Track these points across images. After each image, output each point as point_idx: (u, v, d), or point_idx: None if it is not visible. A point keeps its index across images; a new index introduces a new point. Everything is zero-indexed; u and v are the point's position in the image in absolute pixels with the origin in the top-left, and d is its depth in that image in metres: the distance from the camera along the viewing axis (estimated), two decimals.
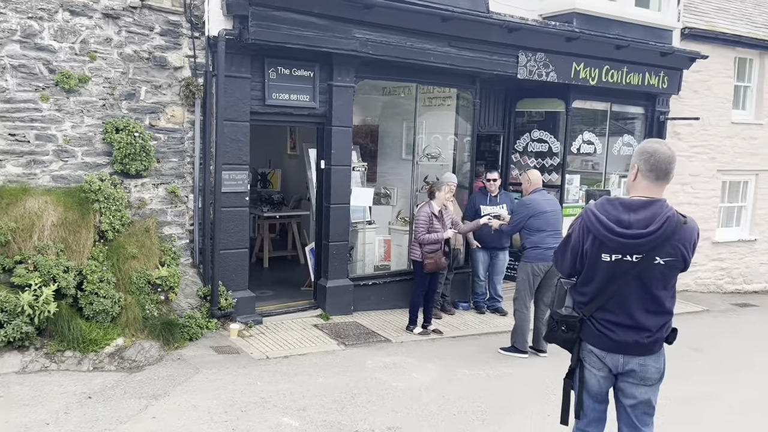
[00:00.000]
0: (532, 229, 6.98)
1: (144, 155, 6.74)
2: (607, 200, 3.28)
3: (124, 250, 6.59)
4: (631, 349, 3.26)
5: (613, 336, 3.26)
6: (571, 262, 3.37)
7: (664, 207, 3.17)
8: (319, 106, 7.82)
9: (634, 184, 3.27)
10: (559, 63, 9.22)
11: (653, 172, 3.18)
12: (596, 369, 3.35)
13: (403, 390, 5.76)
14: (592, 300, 3.29)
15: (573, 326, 3.36)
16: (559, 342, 3.48)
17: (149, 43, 6.80)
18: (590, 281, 3.28)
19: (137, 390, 5.31)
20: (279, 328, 7.49)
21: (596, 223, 3.21)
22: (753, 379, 6.85)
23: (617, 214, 3.18)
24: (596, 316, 3.30)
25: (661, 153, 3.18)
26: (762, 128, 12.84)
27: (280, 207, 11.27)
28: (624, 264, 3.17)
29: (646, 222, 3.14)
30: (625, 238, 3.15)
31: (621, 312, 3.24)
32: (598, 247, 3.21)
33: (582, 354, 3.38)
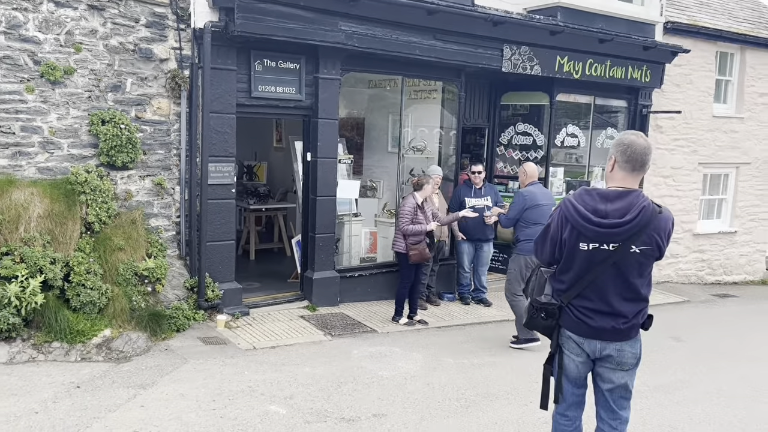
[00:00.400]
0: (527, 221, 6.99)
1: (130, 147, 6.75)
2: (584, 191, 3.37)
3: (111, 241, 6.61)
4: (608, 335, 3.35)
5: (591, 323, 3.35)
6: (550, 251, 3.45)
7: (639, 197, 3.26)
8: (306, 98, 7.86)
9: (611, 175, 3.36)
10: (544, 56, 9.31)
11: (629, 163, 3.27)
12: (575, 354, 3.44)
13: (389, 379, 5.86)
14: (570, 287, 3.38)
15: (552, 313, 3.45)
16: (538, 328, 3.57)
17: (135, 35, 6.81)
18: (569, 270, 3.37)
19: (125, 380, 5.36)
20: (266, 319, 7.55)
21: (574, 213, 3.29)
22: (731, 367, 7.02)
23: (594, 204, 3.27)
24: (574, 303, 3.38)
25: (637, 145, 3.26)
26: (743, 122, 13.04)
27: (267, 200, 11.30)
28: (601, 252, 3.26)
29: (623, 212, 3.22)
30: (601, 228, 3.23)
31: (598, 299, 3.32)
32: (576, 237, 3.29)
33: (561, 340, 3.47)
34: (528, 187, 7.20)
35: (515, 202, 7.22)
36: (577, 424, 3.61)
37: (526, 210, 7.01)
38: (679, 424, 5.24)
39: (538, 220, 6.95)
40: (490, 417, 5.14)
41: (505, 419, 5.11)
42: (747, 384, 6.43)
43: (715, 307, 10.75)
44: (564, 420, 3.59)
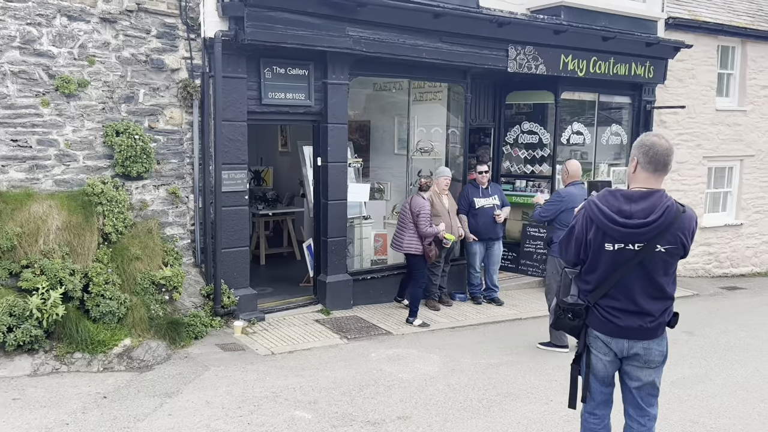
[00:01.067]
0: (562, 223, 6.78)
1: (144, 157, 6.81)
2: (609, 191, 3.41)
3: (128, 251, 6.67)
4: (635, 334, 3.39)
5: (618, 322, 3.39)
6: (575, 252, 3.49)
7: (663, 197, 3.30)
8: (315, 104, 7.92)
9: (634, 176, 3.39)
10: (548, 55, 9.37)
11: (652, 164, 3.31)
12: (602, 354, 3.49)
13: (409, 381, 5.91)
14: (596, 288, 3.42)
15: (579, 314, 3.49)
16: (566, 329, 3.61)
17: (146, 46, 6.86)
18: (594, 270, 3.41)
19: (150, 389, 5.42)
20: (281, 324, 7.61)
21: (599, 213, 3.33)
22: (745, 360, 7.08)
23: (619, 205, 3.30)
24: (601, 303, 3.42)
25: (659, 146, 3.30)
26: (745, 114, 13.11)
27: (275, 204, 11.37)
28: (626, 252, 3.30)
29: (647, 212, 3.26)
30: (627, 228, 3.27)
31: (625, 298, 3.36)
32: (601, 237, 3.33)
33: (588, 340, 3.52)
34: (568, 188, 6.97)
35: (552, 201, 7.06)
36: (606, 422, 3.66)
37: (563, 212, 6.81)
38: (700, 418, 5.30)
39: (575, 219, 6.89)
40: (513, 417, 5.20)
41: (529, 418, 5.17)
42: (762, 377, 6.50)
43: (724, 299, 10.81)
44: (593, 419, 3.64)
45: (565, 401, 5.45)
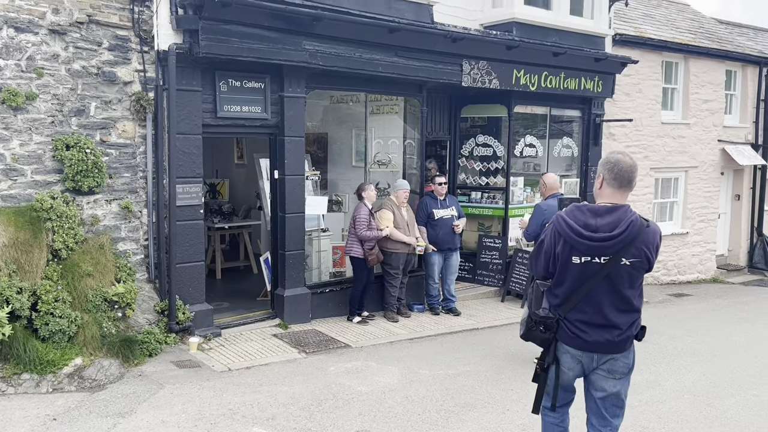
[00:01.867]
0: None
1: (96, 171, 6.67)
2: (575, 206, 3.54)
3: (79, 268, 6.51)
4: (603, 348, 3.50)
5: (586, 337, 3.49)
6: (545, 265, 3.59)
7: (628, 212, 3.43)
8: (271, 117, 7.90)
9: (600, 192, 3.53)
10: (501, 70, 9.58)
11: (617, 180, 3.44)
12: (567, 368, 3.62)
13: (368, 393, 5.92)
14: (565, 301, 3.52)
15: (550, 326, 3.57)
16: (536, 341, 3.67)
17: (98, 59, 6.74)
18: (562, 283, 3.51)
19: (103, 409, 5.28)
20: (238, 339, 7.52)
21: (566, 227, 3.45)
22: (692, 365, 7.34)
23: (585, 219, 3.43)
24: (570, 318, 3.52)
25: (623, 163, 3.45)
26: (689, 127, 13.65)
27: (231, 217, 11.25)
28: (593, 265, 3.41)
29: (612, 226, 3.37)
30: (593, 241, 3.38)
31: (593, 311, 3.46)
32: (568, 251, 3.44)
33: (558, 353, 3.61)
34: (548, 200, 7.01)
35: (534, 215, 7.04)
36: (565, 418, 3.81)
37: (546, 224, 6.90)
38: (649, 423, 5.47)
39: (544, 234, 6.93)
40: (471, 426, 5.26)
41: (486, 428, 5.24)
42: (708, 381, 6.74)
43: (672, 306, 11.18)
44: (551, 414, 3.78)
45: (521, 409, 5.59)
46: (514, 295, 10.14)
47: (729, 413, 5.80)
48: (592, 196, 11.56)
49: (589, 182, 11.62)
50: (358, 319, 8.42)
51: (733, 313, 10.83)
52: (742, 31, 18.35)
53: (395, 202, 8.71)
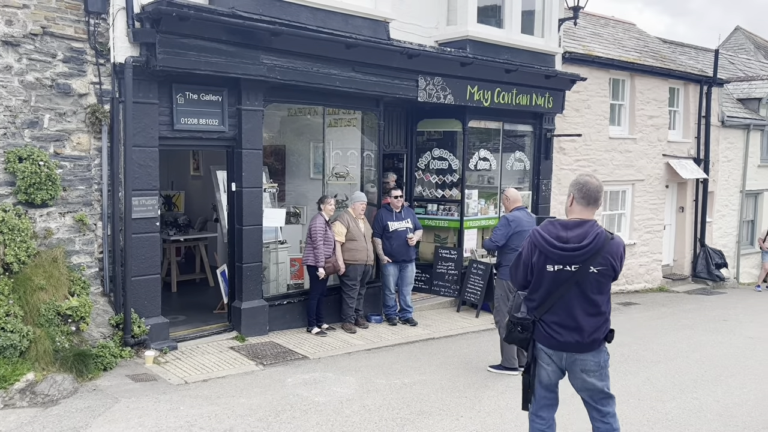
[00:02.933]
0: (510, 247, 6.96)
1: (50, 184, 6.60)
2: (549, 222, 4.02)
3: (31, 281, 6.41)
4: (572, 347, 3.93)
5: (558, 337, 3.93)
6: (524, 275, 4.04)
7: (594, 226, 3.90)
8: (229, 129, 7.94)
9: (570, 209, 4.01)
10: (456, 86, 9.85)
11: (585, 199, 3.92)
12: (546, 364, 4.03)
13: (325, 404, 6.00)
14: (540, 304, 3.96)
15: (527, 327, 4.02)
16: (516, 341, 4.12)
17: (52, 71, 6.69)
18: (538, 289, 3.96)
19: (56, 425, 5.22)
20: (195, 352, 7.50)
21: (541, 239, 3.91)
22: (637, 370, 7.65)
23: (557, 232, 3.89)
24: (545, 319, 3.96)
25: (591, 184, 3.93)
26: (636, 142, 14.21)
27: (187, 230, 11.18)
28: (565, 273, 3.85)
29: (581, 238, 3.83)
30: (564, 251, 3.83)
31: (565, 314, 3.89)
32: (543, 260, 3.89)
33: (535, 352, 4.05)
34: (514, 212, 7.16)
35: (500, 226, 7.16)
36: (551, 423, 4.17)
37: (511, 235, 6.99)
38: None
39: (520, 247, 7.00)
40: None
41: None
42: (652, 385, 7.05)
43: (620, 315, 11.57)
44: (539, 420, 4.14)
45: (474, 416, 5.76)
46: (469, 305, 10.36)
47: (670, 415, 6.09)
48: (545, 207, 11.97)
49: (541, 195, 11.99)
50: (316, 330, 8.49)
51: (677, 320, 11.29)
52: (685, 50, 19.23)
53: (352, 214, 8.85)
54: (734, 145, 17.28)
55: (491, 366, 7.28)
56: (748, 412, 6.28)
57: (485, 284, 10.00)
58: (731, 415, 6.19)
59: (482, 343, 8.46)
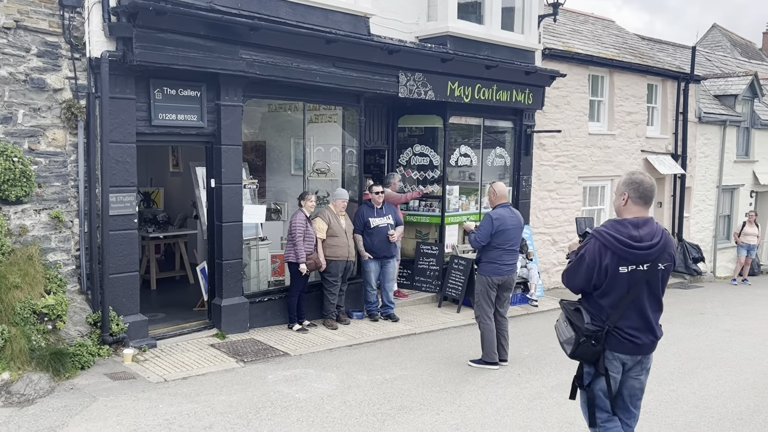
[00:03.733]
0: (491, 244, 6.97)
1: (24, 180, 6.50)
2: (615, 221, 3.87)
3: (6, 280, 6.30)
4: (648, 348, 3.89)
5: (637, 341, 3.83)
6: (586, 279, 3.84)
7: (657, 223, 3.88)
8: (208, 125, 7.87)
9: (625, 208, 3.89)
10: (436, 82, 9.85)
11: (642, 198, 3.85)
12: (616, 372, 3.88)
13: (306, 400, 5.99)
14: (613, 310, 3.80)
15: (600, 338, 3.81)
16: (587, 356, 3.86)
17: (26, 65, 6.58)
18: (609, 293, 3.80)
19: (32, 424, 5.15)
20: (174, 350, 7.44)
21: (613, 240, 3.75)
22: None
23: (628, 231, 3.77)
24: (620, 326, 3.81)
25: (646, 182, 3.86)
26: (614, 138, 14.33)
27: (166, 227, 11.08)
28: (638, 273, 3.76)
29: (651, 236, 3.78)
30: (639, 250, 3.75)
31: (637, 316, 3.81)
32: (616, 261, 3.75)
33: (606, 362, 3.83)
34: (498, 210, 7.09)
35: (483, 224, 7.10)
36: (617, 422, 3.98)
37: (494, 234, 6.97)
38: (575, 419, 5.74)
39: (502, 245, 6.96)
40: (406, 428, 5.40)
41: (420, 429, 5.39)
42: None
43: None
44: (612, 424, 3.95)
45: (454, 410, 5.79)
46: (450, 301, 10.40)
47: (648, 407, 6.13)
48: (525, 203, 12.04)
49: (521, 190, 12.06)
50: (297, 327, 8.47)
51: None
52: (663, 47, 19.44)
53: (333, 210, 8.82)
54: (711, 141, 17.51)
55: (472, 360, 7.31)
56: (723, 403, 6.38)
57: (466, 280, 10.03)
58: (707, 406, 6.28)
59: (463, 338, 8.49)
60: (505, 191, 7.33)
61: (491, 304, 7.14)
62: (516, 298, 10.74)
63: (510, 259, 7.13)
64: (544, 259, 12.79)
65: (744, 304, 13.08)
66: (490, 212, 7.25)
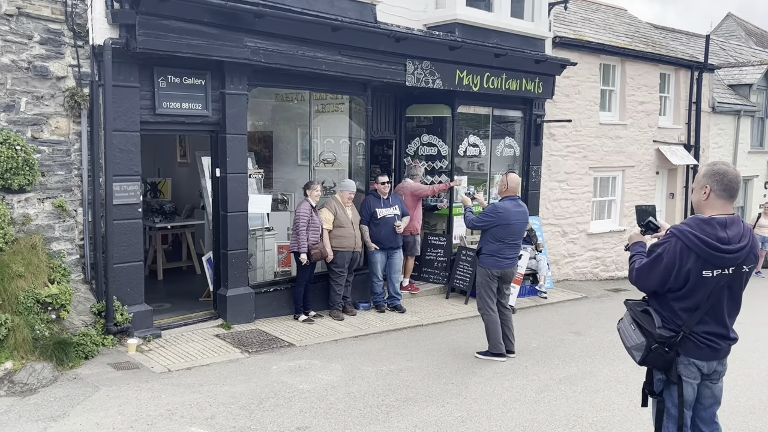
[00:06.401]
0: (493, 237, 6.91)
1: (27, 169, 6.45)
2: (701, 220, 3.48)
3: (9, 269, 6.27)
4: (725, 353, 3.59)
5: (716, 346, 3.52)
6: (662, 281, 3.49)
7: (743, 222, 3.54)
8: (212, 114, 7.80)
9: (707, 203, 3.50)
10: (444, 71, 9.71)
11: (727, 191, 3.46)
12: (693, 379, 3.55)
13: (310, 391, 5.92)
14: (691, 314, 3.48)
15: (673, 345, 3.50)
16: (658, 363, 3.55)
17: (28, 52, 6.52)
18: (689, 297, 3.46)
19: (33, 413, 5.12)
20: (179, 340, 7.40)
21: (699, 243, 3.39)
22: (626, 356, 7.54)
23: (716, 233, 3.41)
24: (697, 330, 3.49)
25: (731, 173, 3.48)
26: (626, 128, 14.12)
27: (173, 217, 11.04)
28: (723, 277, 3.44)
29: (739, 237, 3.44)
30: (729, 254, 3.40)
31: (716, 322, 3.51)
32: (701, 266, 3.40)
33: (679, 369, 3.52)
34: (504, 203, 7.00)
35: (487, 213, 7.03)
36: None
37: (496, 226, 6.89)
38: (583, 412, 5.65)
39: (504, 239, 6.89)
40: (411, 420, 5.33)
41: (425, 421, 5.31)
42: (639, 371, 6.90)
43: (610, 301, 11.55)
44: None
45: (460, 402, 5.70)
46: (458, 292, 10.30)
47: None
48: (534, 194, 11.89)
49: (531, 181, 11.90)
50: (303, 317, 8.40)
51: None
52: (676, 36, 19.14)
53: (339, 201, 8.74)
54: (725, 132, 17.24)
55: (478, 352, 7.22)
56: (735, 396, 6.25)
57: (474, 271, 9.92)
58: None
59: (470, 329, 8.40)
60: (517, 185, 7.20)
61: (493, 295, 7.08)
62: (525, 290, 10.63)
63: (511, 253, 7.04)
64: (553, 250, 12.65)
65: (756, 297, 12.85)
66: (496, 203, 7.18)
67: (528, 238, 10.41)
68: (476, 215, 7.25)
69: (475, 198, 7.61)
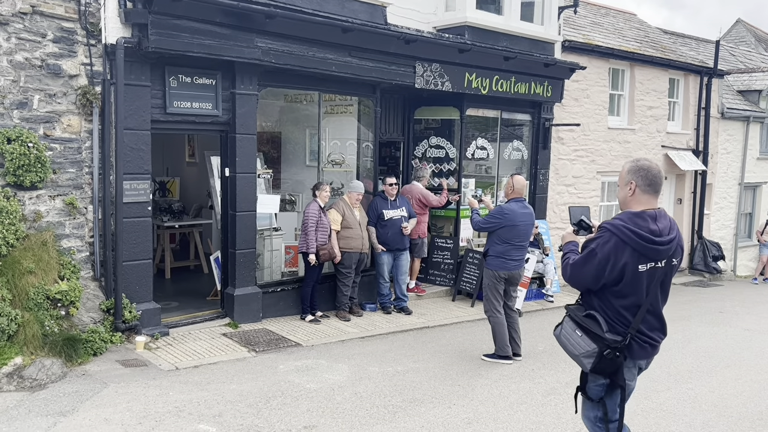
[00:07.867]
0: (500, 239, 6.95)
1: (39, 166, 6.50)
2: (632, 214, 3.43)
3: (20, 265, 6.32)
4: (657, 349, 3.57)
5: (654, 343, 3.52)
6: (596, 276, 3.42)
7: (668, 215, 3.55)
8: (222, 113, 7.83)
9: (633, 198, 3.49)
10: (453, 73, 9.72)
11: (652, 186, 3.47)
12: (632, 380, 3.56)
13: (317, 391, 5.94)
14: (635, 313, 3.43)
15: (623, 349, 3.43)
16: (608, 370, 3.46)
17: (42, 51, 6.57)
18: (628, 294, 3.41)
19: (42, 408, 5.15)
20: (187, 338, 7.43)
21: (633, 236, 3.34)
22: None
23: (648, 225, 3.38)
24: (641, 330, 3.46)
25: (653, 168, 3.50)
26: (634, 133, 14.10)
27: (181, 216, 11.09)
28: (657, 271, 3.42)
29: (668, 229, 3.44)
30: (662, 246, 3.39)
31: (653, 317, 3.50)
32: (636, 259, 3.36)
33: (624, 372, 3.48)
34: (510, 204, 7.05)
35: (494, 214, 7.08)
36: None
37: (502, 228, 6.94)
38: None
39: (511, 240, 6.91)
40: (417, 421, 5.33)
41: (432, 422, 5.32)
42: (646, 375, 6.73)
43: None
44: None
45: (466, 404, 5.71)
46: (465, 295, 10.30)
47: (664, 406, 6.03)
48: (542, 197, 11.89)
49: (539, 184, 11.90)
50: (310, 317, 8.42)
51: (673, 311, 11.17)
52: (686, 41, 19.09)
53: (348, 202, 8.76)
54: (733, 137, 17.18)
55: (485, 355, 7.22)
56: (743, 403, 6.24)
57: (481, 274, 9.91)
58: (726, 405, 6.14)
59: (477, 332, 8.40)
60: (522, 186, 7.22)
61: (500, 297, 7.09)
62: (531, 294, 10.61)
63: (518, 255, 7.04)
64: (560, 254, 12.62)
65: (765, 304, 12.83)
66: (502, 205, 7.24)
67: (535, 241, 10.42)
68: (483, 217, 7.28)
69: (482, 200, 7.66)
